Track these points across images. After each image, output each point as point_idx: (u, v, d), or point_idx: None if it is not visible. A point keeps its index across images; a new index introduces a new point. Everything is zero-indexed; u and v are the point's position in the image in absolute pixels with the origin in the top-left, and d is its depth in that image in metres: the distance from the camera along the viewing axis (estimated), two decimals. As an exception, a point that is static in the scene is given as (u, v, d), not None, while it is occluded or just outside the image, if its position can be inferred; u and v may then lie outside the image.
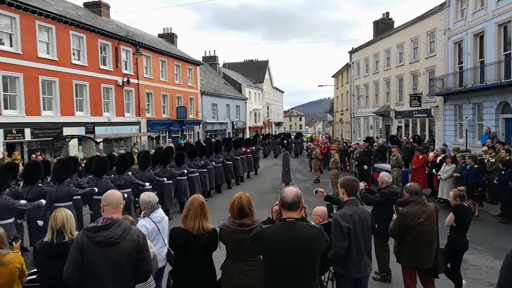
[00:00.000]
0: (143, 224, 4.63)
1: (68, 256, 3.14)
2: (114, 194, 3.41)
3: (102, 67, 21.92)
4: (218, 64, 48.17)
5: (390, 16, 34.15)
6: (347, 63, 39.38)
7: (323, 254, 3.09)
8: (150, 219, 4.76)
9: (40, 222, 7.60)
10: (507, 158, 10.49)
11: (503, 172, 10.01)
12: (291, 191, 3.13)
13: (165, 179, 11.52)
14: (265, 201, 13.20)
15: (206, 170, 14.03)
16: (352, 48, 37.84)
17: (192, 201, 3.84)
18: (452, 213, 5.61)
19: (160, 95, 27.99)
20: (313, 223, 4.43)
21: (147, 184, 10.69)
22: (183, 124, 30.67)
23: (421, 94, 25.23)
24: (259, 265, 3.31)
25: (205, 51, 53.01)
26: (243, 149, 18.60)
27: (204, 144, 17.24)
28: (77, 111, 20.12)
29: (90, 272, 3.09)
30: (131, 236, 3.15)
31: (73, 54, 20.02)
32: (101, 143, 20.35)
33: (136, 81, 24.63)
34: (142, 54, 23.77)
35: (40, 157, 15.08)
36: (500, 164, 10.23)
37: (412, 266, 5.05)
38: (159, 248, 4.66)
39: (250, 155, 19.42)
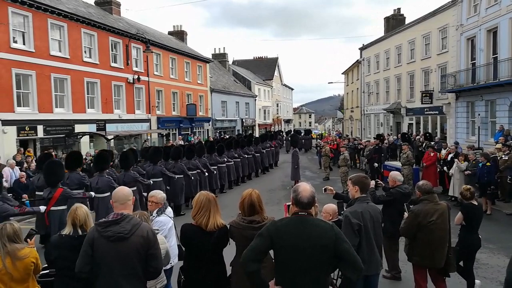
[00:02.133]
0: (161, 221, 4.67)
1: (80, 250, 3.20)
2: (122, 191, 3.44)
3: (113, 64, 22.10)
4: (228, 61, 48.22)
5: (401, 12, 33.75)
6: (358, 60, 39.07)
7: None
8: (167, 215, 4.81)
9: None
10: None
11: (516, 170, 9.86)
12: (306, 191, 3.08)
13: (175, 176, 11.77)
14: (275, 198, 13.22)
15: (239, 160, 16.58)
16: (363, 44, 37.50)
17: (203, 197, 3.83)
18: (460, 212, 5.56)
19: (170, 93, 28.13)
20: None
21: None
22: (193, 122, 30.81)
23: (433, 91, 24.93)
24: (268, 261, 3.31)
25: (214, 49, 53.25)
26: (268, 144, 21.53)
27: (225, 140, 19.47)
28: (88, 108, 20.32)
29: (101, 267, 3.13)
30: (140, 232, 3.17)
31: (85, 51, 20.21)
32: (112, 140, 20.54)
33: (146, 78, 24.78)
34: (152, 52, 23.90)
35: (53, 153, 15.29)
36: (513, 162, 10.08)
37: (424, 265, 5.00)
38: (172, 244, 4.71)
39: (274, 148, 22.66)
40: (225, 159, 14.99)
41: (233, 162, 15.83)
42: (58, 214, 7.73)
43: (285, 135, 35.76)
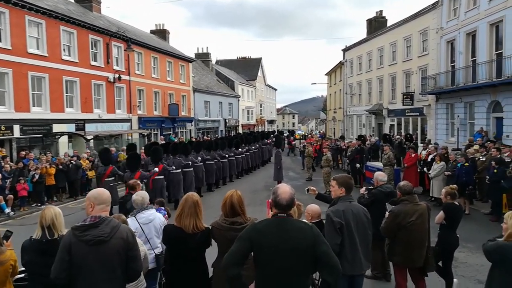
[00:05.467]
0: (129, 223, 4.58)
1: (56, 256, 3.10)
2: (104, 194, 3.36)
3: (93, 63, 21.67)
4: (211, 61, 47.94)
5: (383, 15, 34.22)
6: (341, 61, 39.43)
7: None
8: (135, 219, 4.72)
9: None
10: (498, 156, 10.57)
11: (496, 170, 10.05)
12: (285, 193, 3.07)
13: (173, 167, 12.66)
14: (258, 199, 13.18)
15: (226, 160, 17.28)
16: (346, 46, 37.86)
17: (187, 199, 3.84)
18: (442, 211, 5.62)
19: (152, 92, 27.78)
20: (305, 220, 4.42)
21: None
22: (175, 122, 30.49)
23: (414, 92, 25.34)
24: (250, 263, 3.27)
25: (197, 48, 52.93)
26: (257, 144, 23.19)
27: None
28: (67, 107, 19.86)
29: (80, 272, 3.05)
30: (120, 234, 3.12)
31: (64, 49, 19.74)
32: (92, 140, 20.14)
33: (127, 77, 24.40)
34: (133, 50, 23.56)
35: (31, 154, 14.87)
36: (493, 162, 10.27)
37: (403, 264, 5.06)
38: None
39: (267, 146, 24.33)
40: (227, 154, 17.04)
41: (226, 160, 17.04)
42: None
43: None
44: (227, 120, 42.35)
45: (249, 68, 55.36)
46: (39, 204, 13.21)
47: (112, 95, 23.17)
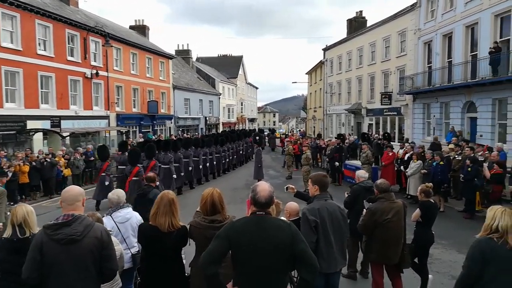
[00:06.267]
0: (105, 222, 4.53)
1: (27, 255, 3.02)
2: (71, 191, 3.27)
3: (69, 58, 21.13)
4: (191, 58, 47.52)
5: (363, 15, 34.65)
6: (321, 60, 39.74)
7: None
8: (111, 218, 4.65)
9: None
10: (472, 155, 10.85)
11: (469, 169, 10.32)
12: (264, 190, 3.06)
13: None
14: (238, 197, 13.13)
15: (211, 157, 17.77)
16: (326, 45, 38.18)
17: (162, 197, 3.80)
18: (418, 209, 5.73)
19: (131, 89, 27.33)
20: (284, 218, 4.43)
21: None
22: (154, 119, 30.10)
23: (392, 92, 25.78)
24: (228, 261, 3.25)
25: (178, 45, 52.36)
26: (240, 142, 23.61)
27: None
28: (42, 103, 19.30)
29: (52, 271, 2.98)
30: (93, 233, 3.06)
31: (39, 44, 19.17)
32: (68, 137, 19.66)
33: (105, 73, 23.92)
34: (112, 46, 23.11)
35: (2, 152, 14.39)
36: (468, 161, 10.53)
37: (380, 261, 5.13)
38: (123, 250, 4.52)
39: (250, 144, 24.89)
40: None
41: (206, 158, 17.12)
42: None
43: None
44: (207, 118, 42.09)
45: (230, 66, 55.16)
46: (12, 203, 12.79)
47: (89, 91, 22.67)
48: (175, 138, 20.82)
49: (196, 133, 34.14)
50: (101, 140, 21.47)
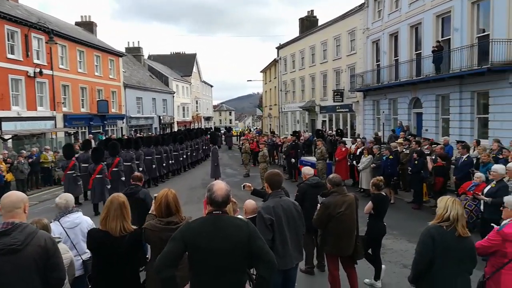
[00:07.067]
0: (52, 228, 4.27)
1: None
2: (10, 197, 3.04)
3: (9, 56, 19.74)
4: (143, 55, 46.12)
5: (314, 14, 35.42)
6: (275, 59, 40.14)
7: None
8: (59, 223, 4.41)
9: None
10: (419, 149, 11.41)
11: (416, 162, 10.84)
12: (221, 189, 3.04)
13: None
14: (195, 196, 12.97)
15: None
16: (280, 44, 38.65)
17: (112, 201, 3.65)
18: (370, 201, 5.92)
19: (78, 88, 26.07)
20: (241, 216, 4.41)
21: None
22: (105, 119, 28.92)
23: (343, 90, 26.57)
24: (185, 262, 3.17)
25: (128, 42, 50.76)
26: (197, 140, 23.81)
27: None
28: (-21, 104, 17.94)
29: (-6, 282, 2.77)
30: (37, 241, 2.89)
31: (-26, 40, 17.79)
32: (10, 140, 18.41)
33: (50, 72, 22.62)
34: (56, 43, 21.89)
35: None
36: (414, 155, 11.07)
37: (335, 254, 5.26)
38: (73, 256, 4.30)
39: (207, 142, 24.99)
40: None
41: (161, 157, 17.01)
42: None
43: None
44: (161, 117, 41.10)
45: (183, 64, 54.23)
46: None
47: (33, 91, 21.33)
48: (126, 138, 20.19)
49: (150, 133, 33.26)
50: (47, 142, 20.30)
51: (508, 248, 3.70)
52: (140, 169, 14.40)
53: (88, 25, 33.13)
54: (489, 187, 7.08)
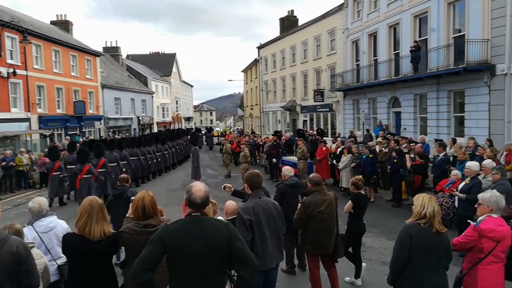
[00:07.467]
0: (25, 233, 4.15)
1: None
2: None
3: (-19, 55, 19.10)
4: (121, 55, 45.27)
5: (294, 14, 35.58)
6: (256, 59, 40.13)
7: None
8: (33, 228, 4.28)
9: None
10: (398, 147, 11.58)
11: (395, 160, 10.99)
12: (200, 191, 3.01)
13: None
14: (175, 198, 12.80)
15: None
16: (260, 43, 38.66)
17: (92, 204, 3.54)
18: (350, 200, 5.96)
19: (54, 88, 25.39)
20: (221, 218, 4.37)
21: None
22: (82, 120, 28.25)
23: (324, 89, 26.77)
24: (163, 265, 3.11)
25: (106, 42, 49.86)
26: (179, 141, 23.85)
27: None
28: (-51, 105, 17.25)
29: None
30: (8, 248, 2.82)
31: None
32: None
33: (24, 72, 21.96)
34: (30, 42, 21.23)
35: None
36: (394, 153, 11.22)
37: (316, 252, 5.27)
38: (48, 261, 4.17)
39: (187, 143, 24.74)
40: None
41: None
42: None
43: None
44: (140, 118, 40.48)
45: (163, 63, 53.59)
46: None
47: (6, 92, 20.65)
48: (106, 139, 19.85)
49: (128, 134, 32.75)
50: (21, 145, 19.69)
51: (484, 243, 3.77)
52: (124, 169, 14.36)
53: (64, 24, 32.33)
54: (463, 183, 7.23)
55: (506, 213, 4.45)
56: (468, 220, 4.46)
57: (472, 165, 7.18)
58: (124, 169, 14.14)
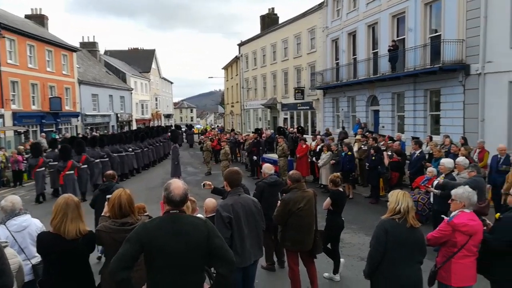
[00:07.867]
0: None
1: None
2: None
3: (-50, 49, 18.40)
4: (99, 51, 44.31)
5: (275, 12, 35.61)
6: (236, 56, 40.01)
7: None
8: (5, 227, 4.18)
9: None
10: (376, 145, 11.78)
11: (374, 157, 11.18)
12: (178, 188, 2.99)
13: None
14: (154, 196, 12.63)
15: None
16: (241, 41, 38.53)
17: (68, 202, 3.49)
18: (329, 197, 6.03)
19: (29, 84, 24.70)
20: (201, 215, 4.36)
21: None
22: (58, 117, 27.57)
23: (304, 87, 26.94)
24: (141, 264, 3.08)
25: (82, 37, 48.79)
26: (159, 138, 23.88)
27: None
28: None
29: None
30: None
31: None
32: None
33: (-3, 67, 21.30)
34: (4, 37, 20.68)
35: None
36: (372, 150, 11.41)
37: (295, 249, 5.31)
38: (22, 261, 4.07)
39: (167, 140, 25.01)
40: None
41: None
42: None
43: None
44: (119, 115, 39.81)
45: (142, 60, 52.80)
46: None
47: (-23, 87, 19.99)
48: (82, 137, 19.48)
49: (106, 131, 32.17)
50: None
51: (457, 237, 3.88)
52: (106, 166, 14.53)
53: (39, 18, 31.43)
54: (438, 180, 7.42)
55: (477, 209, 4.61)
56: (442, 216, 4.57)
57: (446, 162, 7.36)
58: (106, 166, 14.29)
